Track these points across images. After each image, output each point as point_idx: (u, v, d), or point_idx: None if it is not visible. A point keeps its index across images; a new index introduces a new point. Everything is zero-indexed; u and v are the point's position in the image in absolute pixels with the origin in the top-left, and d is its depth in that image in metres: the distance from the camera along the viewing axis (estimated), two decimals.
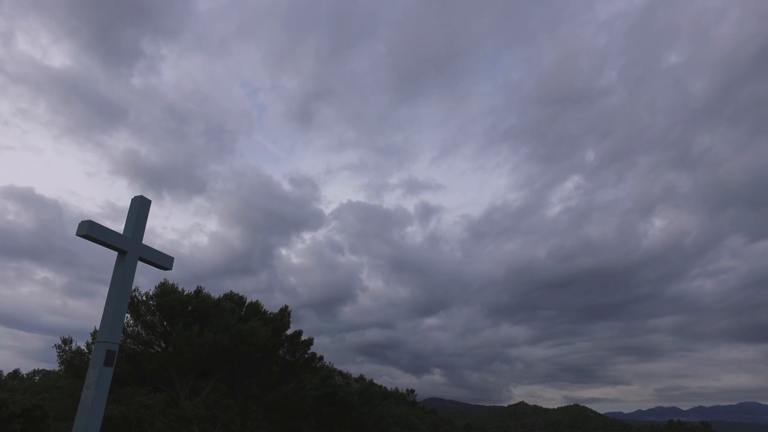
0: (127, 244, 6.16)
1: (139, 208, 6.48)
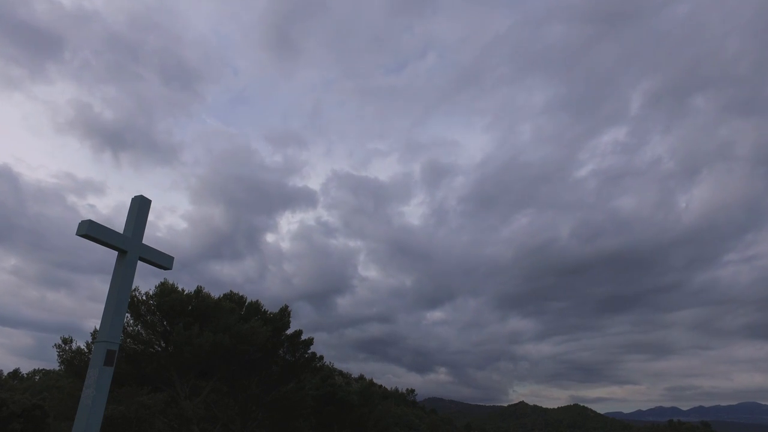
0: (128, 244, 6.16)
1: (139, 208, 6.48)
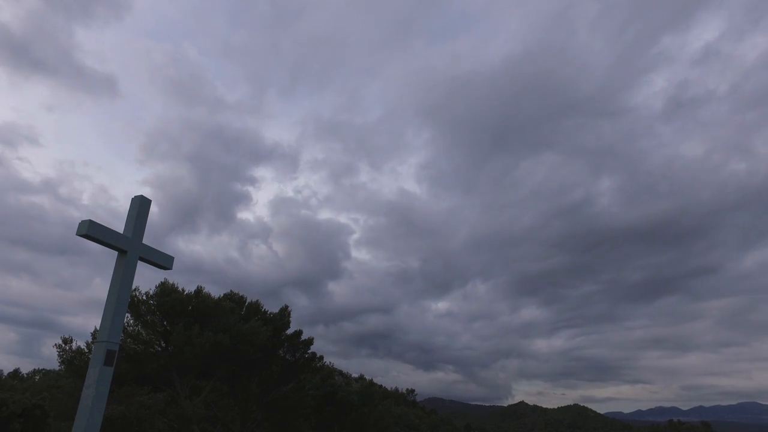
0: (128, 244, 6.18)
1: (139, 208, 6.49)
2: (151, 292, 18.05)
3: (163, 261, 6.86)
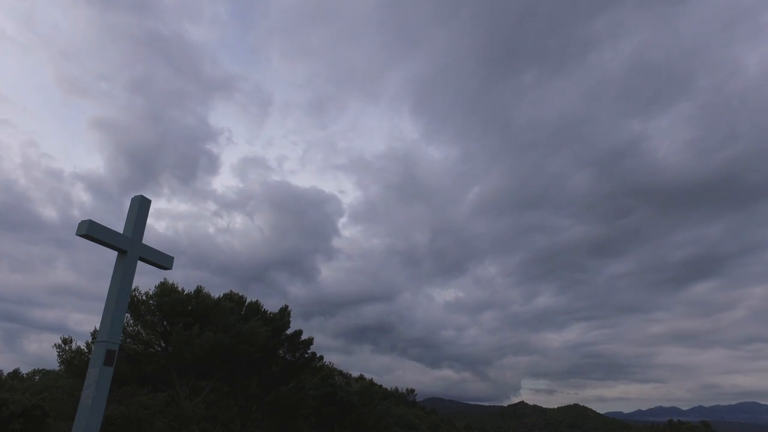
0: (128, 244, 6.17)
1: (139, 208, 6.49)
2: (150, 292, 18.07)
3: (163, 261, 6.86)
